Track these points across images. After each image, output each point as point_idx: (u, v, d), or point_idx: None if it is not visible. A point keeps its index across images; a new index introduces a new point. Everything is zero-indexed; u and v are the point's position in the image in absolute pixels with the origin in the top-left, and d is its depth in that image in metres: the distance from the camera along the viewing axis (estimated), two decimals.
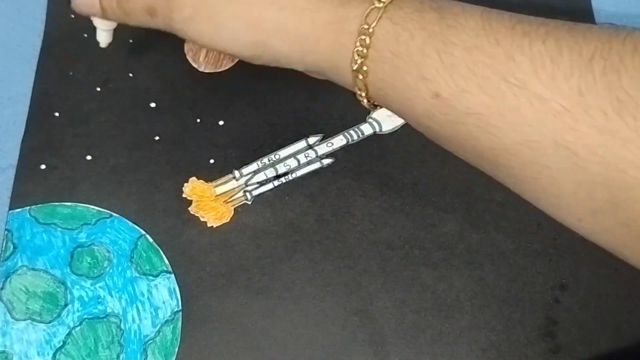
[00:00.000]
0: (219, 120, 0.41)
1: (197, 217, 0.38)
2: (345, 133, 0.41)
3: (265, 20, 0.32)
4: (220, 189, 0.39)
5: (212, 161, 0.40)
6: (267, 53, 0.34)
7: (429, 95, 0.30)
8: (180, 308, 0.36)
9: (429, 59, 0.30)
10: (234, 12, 0.33)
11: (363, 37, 0.31)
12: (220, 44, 0.34)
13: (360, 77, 0.32)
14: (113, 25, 0.39)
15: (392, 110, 0.33)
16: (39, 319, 0.36)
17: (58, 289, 0.36)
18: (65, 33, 0.43)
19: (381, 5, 0.31)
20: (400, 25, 0.31)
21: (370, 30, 0.31)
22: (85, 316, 0.36)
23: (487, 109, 0.29)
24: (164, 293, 0.36)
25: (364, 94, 0.33)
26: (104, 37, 0.39)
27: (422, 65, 0.30)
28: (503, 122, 0.29)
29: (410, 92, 0.31)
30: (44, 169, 0.39)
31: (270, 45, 0.33)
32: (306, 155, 0.40)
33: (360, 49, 0.31)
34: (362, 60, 0.32)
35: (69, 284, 0.36)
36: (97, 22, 0.39)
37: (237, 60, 0.43)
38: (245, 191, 0.39)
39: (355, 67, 0.32)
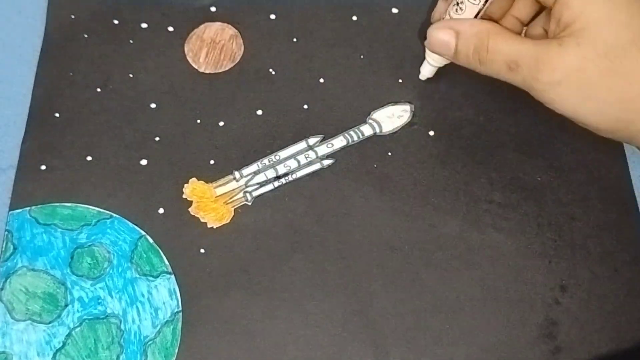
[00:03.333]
0: (219, 121, 0.41)
1: (198, 218, 0.38)
2: (346, 134, 0.41)
3: None
4: (220, 190, 0.39)
5: (212, 162, 0.40)
6: (627, 131, 0.34)
7: None
8: (180, 309, 0.36)
9: None
10: (610, 86, 0.33)
11: None
12: (581, 113, 0.34)
13: None
14: (444, 63, 0.39)
15: None
16: (38, 319, 0.36)
17: (58, 290, 0.36)
18: (65, 34, 0.43)
19: None
20: None
21: None
22: (85, 317, 0.36)
23: None
24: (164, 294, 0.36)
25: None
26: (428, 71, 0.41)
27: None
28: None
29: None
30: (44, 170, 0.39)
31: (636, 123, 0.33)
32: (306, 156, 0.40)
33: None
34: None
35: (69, 285, 0.36)
36: (432, 57, 0.40)
37: (237, 61, 0.43)
38: (245, 192, 0.39)
39: None
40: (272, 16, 0.44)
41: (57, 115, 0.41)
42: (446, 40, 0.37)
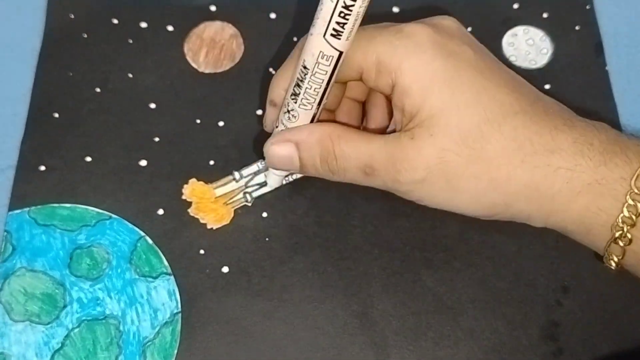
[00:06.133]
0: (219, 121, 0.41)
1: (197, 218, 0.38)
2: None
3: (512, 180, 0.30)
4: (220, 191, 0.39)
5: (211, 162, 0.40)
6: (507, 213, 0.31)
7: None
8: (179, 310, 0.36)
9: None
10: (477, 174, 0.30)
11: (632, 202, 0.29)
12: (455, 205, 0.32)
13: (621, 243, 0.30)
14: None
15: None
16: (37, 320, 0.35)
17: (57, 291, 0.36)
18: (64, 33, 0.43)
19: None
20: None
21: None
22: (84, 318, 0.36)
23: None
24: (163, 295, 0.36)
25: (616, 259, 0.31)
26: (275, 181, 0.37)
27: None
28: None
29: None
30: (43, 170, 0.39)
31: (513, 205, 0.31)
32: None
33: (627, 215, 0.29)
34: (628, 228, 0.29)
35: (67, 286, 0.36)
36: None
37: (237, 60, 0.43)
38: (245, 193, 0.39)
39: (617, 234, 0.30)
40: (273, 15, 0.44)
41: (56, 115, 0.40)
42: (287, 154, 0.33)
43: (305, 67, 0.30)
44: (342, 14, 0.27)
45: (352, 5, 0.27)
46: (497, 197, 0.31)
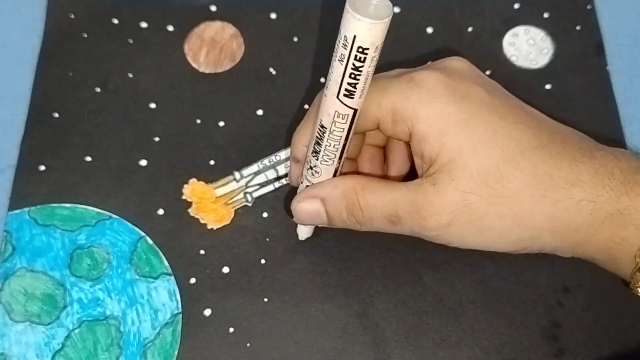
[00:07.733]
0: (219, 121, 0.41)
1: (197, 218, 0.38)
2: None
3: (536, 215, 0.30)
4: (220, 191, 0.39)
5: (212, 162, 0.40)
6: (534, 246, 0.32)
7: None
8: (180, 310, 0.36)
9: None
10: (501, 212, 0.31)
11: None
12: (484, 244, 0.32)
13: None
14: None
15: None
16: (37, 321, 0.35)
17: (57, 291, 0.36)
18: (64, 33, 0.43)
19: None
20: None
21: None
22: (85, 318, 0.36)
23: None
24: (164, 295, 0.36)
25: None
26: (305, 232, 0.37)
27: None
28: None
29: None
30: (43, 170, 0.39)
31: (539, 239, 0.31)
32: None
33: None
34: None
35: (68, 286, 0.36)
36: None
37: (237, 60, 0.42)
38: (245, 193, 0.39)
39: None
40: (273, 15, 0.44)
41: (56, 115, 0.40)
42: (314, 210, 0.33)
43: (322, 127, 0.31)
44: (352, 75, 0.28)
45: (362, 66, 0.28)
46: (523, 233, 0.31)
